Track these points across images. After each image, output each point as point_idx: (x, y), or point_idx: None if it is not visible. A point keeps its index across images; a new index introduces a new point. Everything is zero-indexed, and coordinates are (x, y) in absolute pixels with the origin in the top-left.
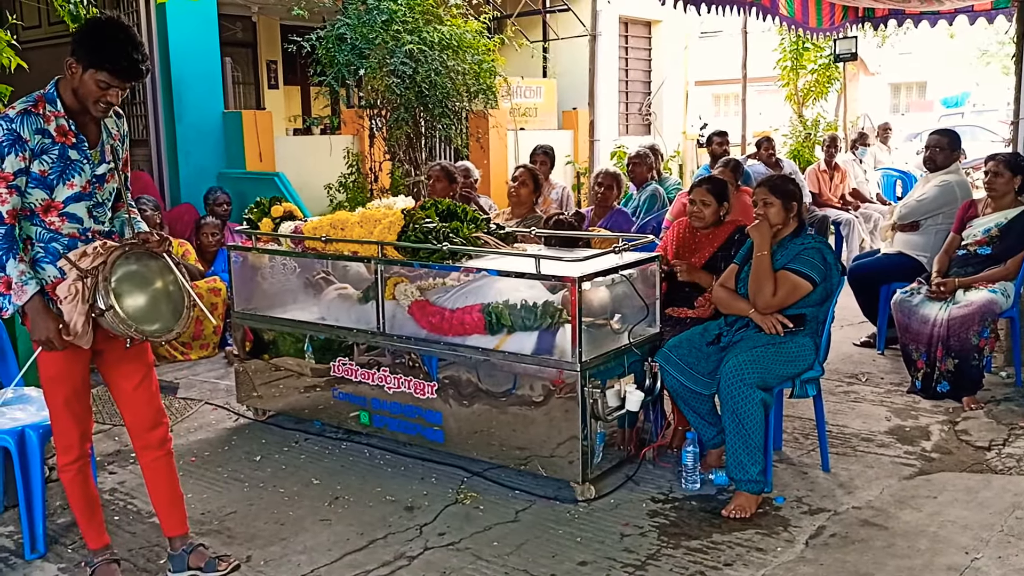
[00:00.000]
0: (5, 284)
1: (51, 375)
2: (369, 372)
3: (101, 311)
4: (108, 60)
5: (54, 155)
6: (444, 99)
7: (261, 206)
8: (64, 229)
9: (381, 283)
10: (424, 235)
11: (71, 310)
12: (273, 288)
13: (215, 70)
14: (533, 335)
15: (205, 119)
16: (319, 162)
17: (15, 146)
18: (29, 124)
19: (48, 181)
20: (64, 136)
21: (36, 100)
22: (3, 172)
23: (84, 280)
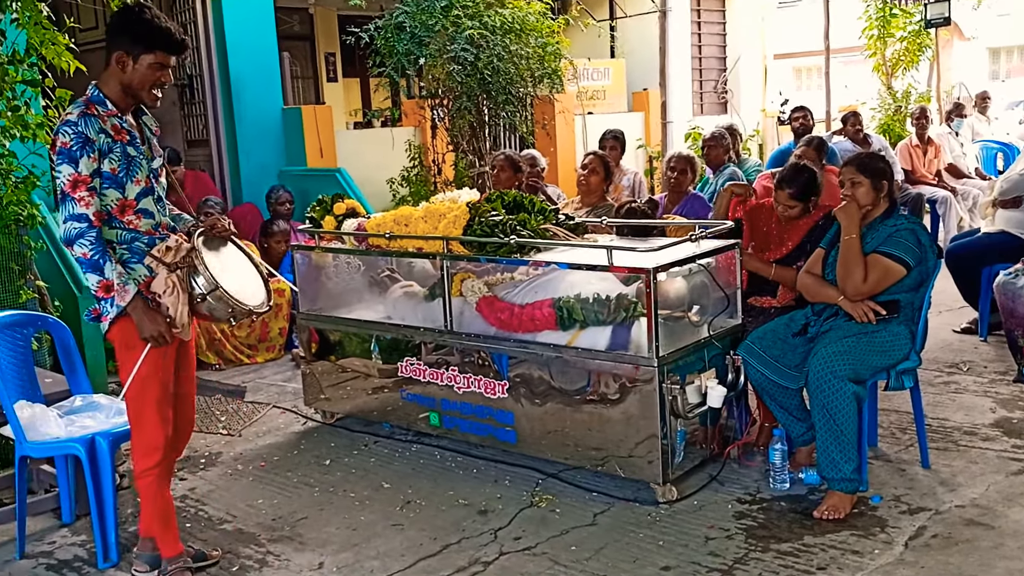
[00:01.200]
0: (104, 288)
1: (145, 373)
2: (438, 372)
3: (203, 295)
4: (159, 39)
5: (118, 152)
6: (507, 85)
7: (323, 204)
8: (142, 226)
9: (447, 279)
10: (490, 229)
11: (174, 302)
12: (338, 287)
13: (273, 65)
14: (607, 330)
15: (265, 116)
16: (381, 156)
17: (85, 148)
18: (92, 125)
19: (119, 179)
20: (119, 134)
21: (85, 104)
22: (80, 175)
23: (176, 272)
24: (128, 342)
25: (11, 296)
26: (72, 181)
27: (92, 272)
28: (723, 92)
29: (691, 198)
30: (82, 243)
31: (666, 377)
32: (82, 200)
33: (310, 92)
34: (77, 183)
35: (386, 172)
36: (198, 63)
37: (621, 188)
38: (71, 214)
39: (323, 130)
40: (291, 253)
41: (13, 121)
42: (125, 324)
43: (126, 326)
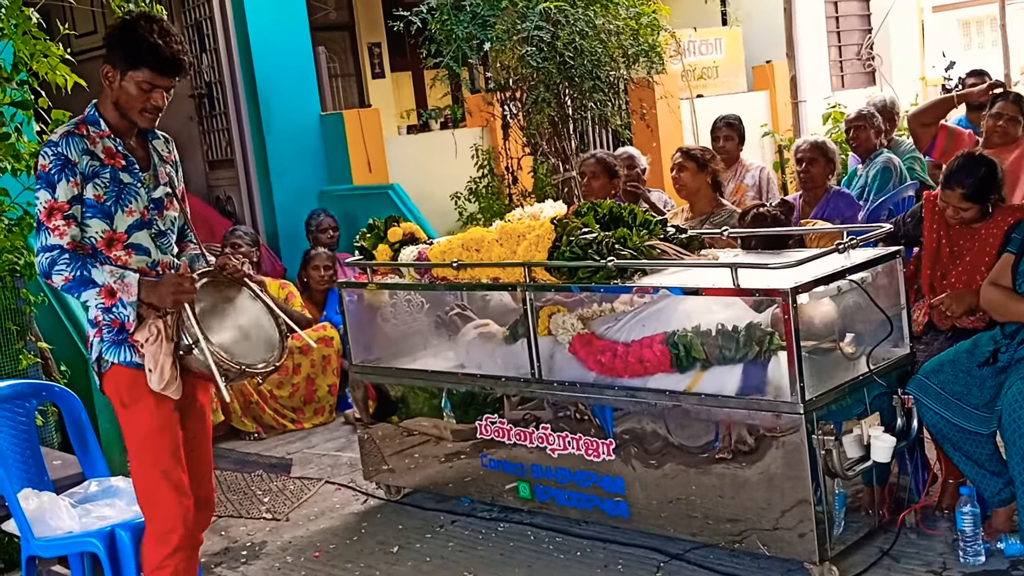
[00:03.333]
0: (107, 294)
1: (144, 431)
2: (526, 431)
3: (188, 347)
4: (146, 56)
5: (106, 178)
6: (594, 68)
7: (375, 229)
8: (132, 263)
9: (532, 315)
10: (582, 249)
11: (155, 352)
12: (397, 332)
13: (307, 63)
14: (736, 369)
15: (299, 126)
16: (441, 165)
17: (65, 171)
18: (75, 145)
19: (105, 208)
20: (113, 158)
21: (78, 123)
22: (57, 202)
23: (164, 318)
24: (124, 395)
25: (9, 362)
26: (47, 208)
27: (84, 288)
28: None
29: (834, 196)
30: (59, 269)
31: (816, 426)
32: (56, 230)
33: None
34: (53, 210)
35: (449, 185)
36: (217, 68)
37: (744, 188)
38: (43, 246)
39: (370, 138)
40: (337, 291)
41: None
42: (120, 373)
43: (121, 375)
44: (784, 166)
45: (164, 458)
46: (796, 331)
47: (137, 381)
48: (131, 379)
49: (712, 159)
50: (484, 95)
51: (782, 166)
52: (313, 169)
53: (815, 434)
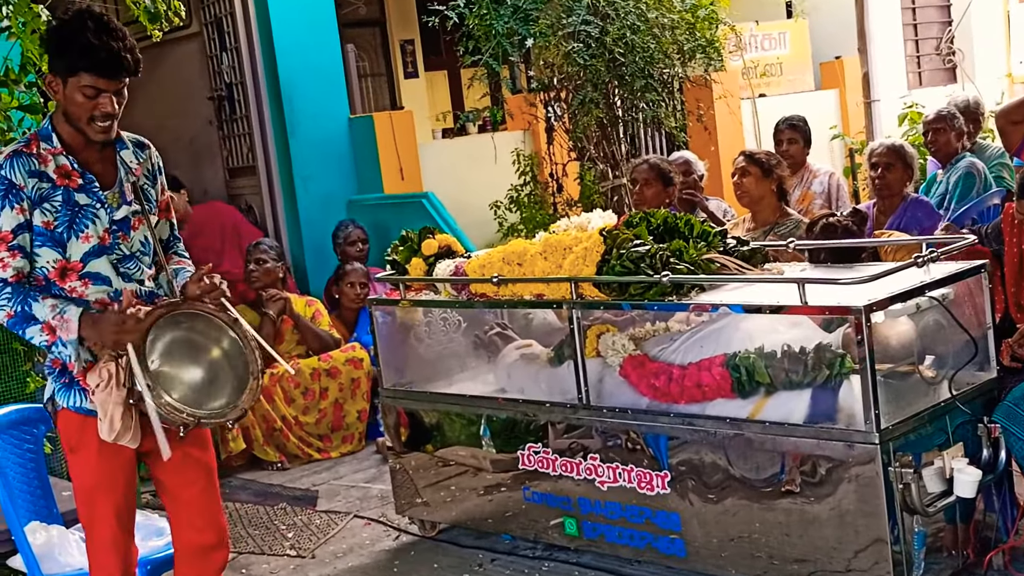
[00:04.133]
0: (48, 330)
1: (88, 484)
2: (572, 462)
3: (139, 395)
4: (82, 57)
5: (57, 202)
6: (647, 65)
7: (408, 242)
8: (90, 295)
9: (579, 335)
10: (634, 263)
11: (104, 399)
12: (432, 353)
13: (334, 62)
14: (804, 395)
15: (326, 130)
16: (480, 172)
17: (8, 197)
18: (21, 167)
19: (57, 235)
20: (67, 177)
21: (29, 140)
22: (1, 231)
23: (118, 360)
24: (72, 441)
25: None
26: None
27: (27, 324)
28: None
29: (911, 204)
30: (1, 305)
31: (893, 458)
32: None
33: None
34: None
35: (488, 193)
36: (238, 67)
37: (811, 196)
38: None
39: (403, 143)
40: (368, 310)
41: None
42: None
43: (71, 421)
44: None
45: (104, 516)
46: (870, 353)
47: (85, 429)
48: (79, 426)
49: (778, 164)
50: (526, 96)
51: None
52: (341, 176)
53: (892, 466)
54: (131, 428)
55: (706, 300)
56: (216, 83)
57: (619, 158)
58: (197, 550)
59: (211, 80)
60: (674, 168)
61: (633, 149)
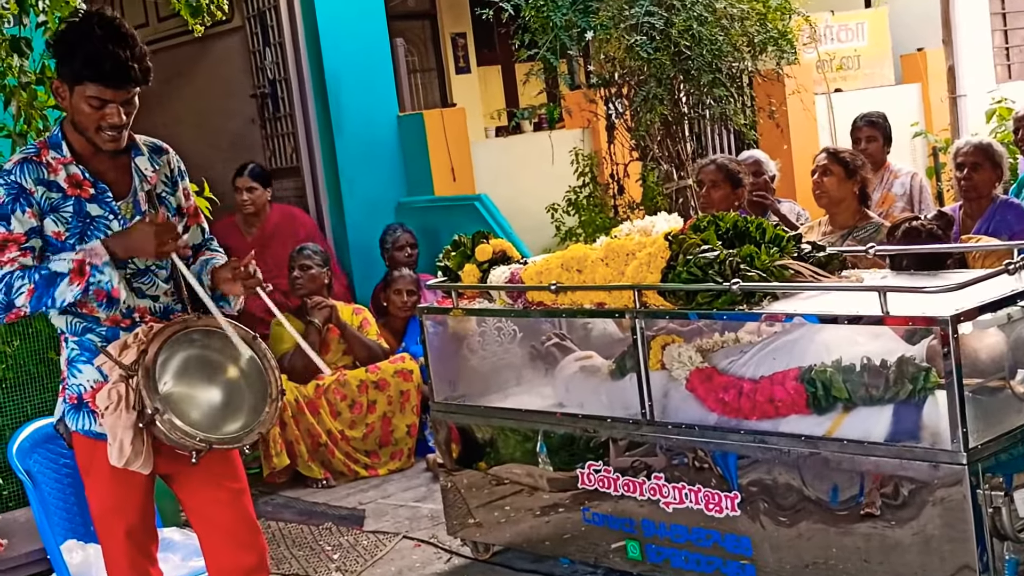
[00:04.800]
0: (77, 273)
1: (102, 508)
2: (635, 481)
3: (150, 418)
4: (86, 66)
5: (68, 212)
6: (715, 59)
7: (460, 247)
8: (100, 311)
9: (643, 346)
10: (702, 270)
11: (114, 423)
12: (486, 364)
13: (383, 57)
14: (885, 411)
15: (374, 129)
16: (536, 173)
17: (20, 200)
18: (30, 174)
19: (68, 247)
20: (78, 187)
21: (38, 148)
22: (11, 233)
23: (128, 380)
24: (84, 464)
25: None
26: (1, 240)
27: (53, 287)
28: None
29: (1001, 207)
30: (20, 288)
31: (982, 479)
32: (11, 262)
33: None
34: (7, 243)
35: (545, 196)
36: (282, 64)
37: (892, 198)
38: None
39: (454, 142)
40: (418, 319)
41: None
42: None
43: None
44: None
45: (119, 539)
46: (957, 367)
47: (96, 452)
48: (90, 450)
49: (863, 165)
50: (585, 92)
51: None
52: (389, 178)
53: (980, 488)
54: (142, 453)
55: (779, 309)
56: (259, 80)
57: (684, 158)
58: (234, 573)
59: (254, 77)
60: (743, 168)
61: (699, 148)
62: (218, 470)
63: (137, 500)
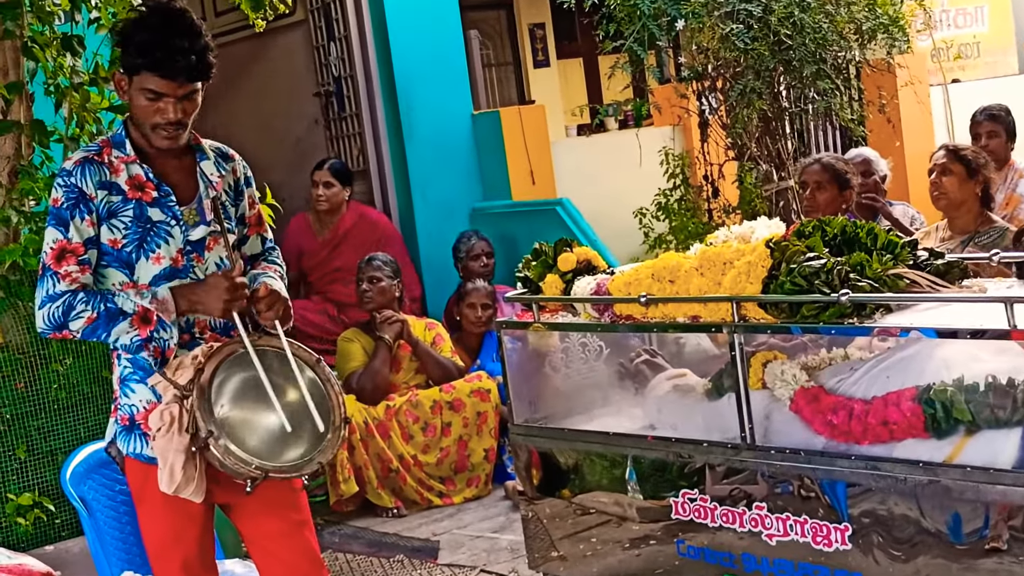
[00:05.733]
0: (140, 321)
1: (155, 538)
2: (735, 511)
3: (203, 442)
4: (141, 54)
5: (128, 217)
6: (818, 48)
7: (541, 256)
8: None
9: (742, 363)
10: (807, 280)
11: (165, 446)
12: (570, 383)
13: (456, 51)
14: (1012, 435)
15: (446, 129)
16: (622, 174)
17: (79, 207)
18: (91, 176)
19: (124, 255)
20: (140, 190)
21: (100, 146)
22: (69, 243)
23: (182, 402)
24: (136, 491)
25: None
26: (57, 250)
27: (113, 323)
28: None
29: None
30: (79, 312)
31: None
32: (67, 276)
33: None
34: (64, 253)
35: (632, 199)
36: (348, 60)
37: (1017, 200)
38: (49, 294)
39: (533, 142)
40: (495, 334)
41: None
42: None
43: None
44: None
45: (172, 573)
46: None
47: (149, 478)
48: (143, 475)
49: (985, 164)
50: (676, 86)
51: None
52: (463, 181)
53: None
54: (194, 479)
55: (893, 323)
56: (323, 77)
57: (785, 157)
58: None
59: (317, 74)
60: (851, 168)
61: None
62: (278, 500)
63: (194, 530)
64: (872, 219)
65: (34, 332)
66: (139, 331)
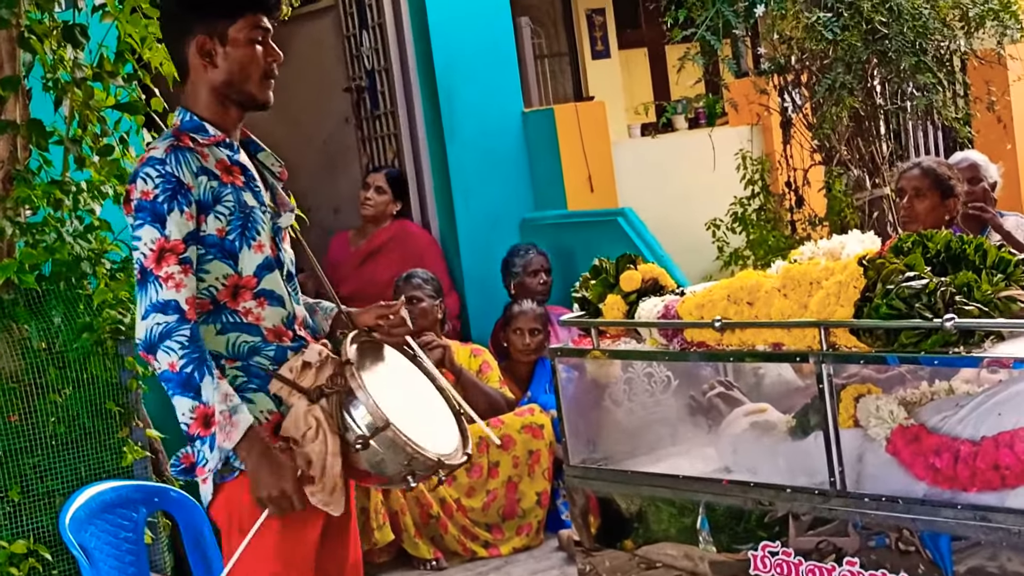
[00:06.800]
0: (201, 420)
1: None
2: (822, 567)
3: (363, 439)
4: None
5: (230, 203)
6: (918, 38)
7: (602, 274)
8: (266, 321)
9: (831, 398)
10: (906, 302)
11: (321, 452)
12: (633, 419)
13: (504, 41)
14: None
15: (493, 129)
16: (693, 180)
17: (177, 198)
18: (189, 162)
19: (228, 244)
20: (230, 173)
21: (175, 135)
22: (169, 240)
23: (319, 402)
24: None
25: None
26: (157, 250)
27: (182, 393)
28: None
29: None
30: (168, 348)
31: None
32: (170, 279)
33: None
34: (164, 253)
35: (705, 209)
36: (383, 51)
37: None
38: (153, 303)
39: (592, 143)
40: (548, 362)
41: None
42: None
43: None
44: None
45: None
46: None
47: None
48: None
49: None
50: (754, 80)
51: None
52: (512, 188)
53: None
54: (343, 489)
55: (1006, 353)
56: (354, 70)
57: (880, 161)
58: None
59: (348, 67)
60: (956, 174)
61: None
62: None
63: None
64: (980, 232)
65: (29, 358)
66: (199, 428)
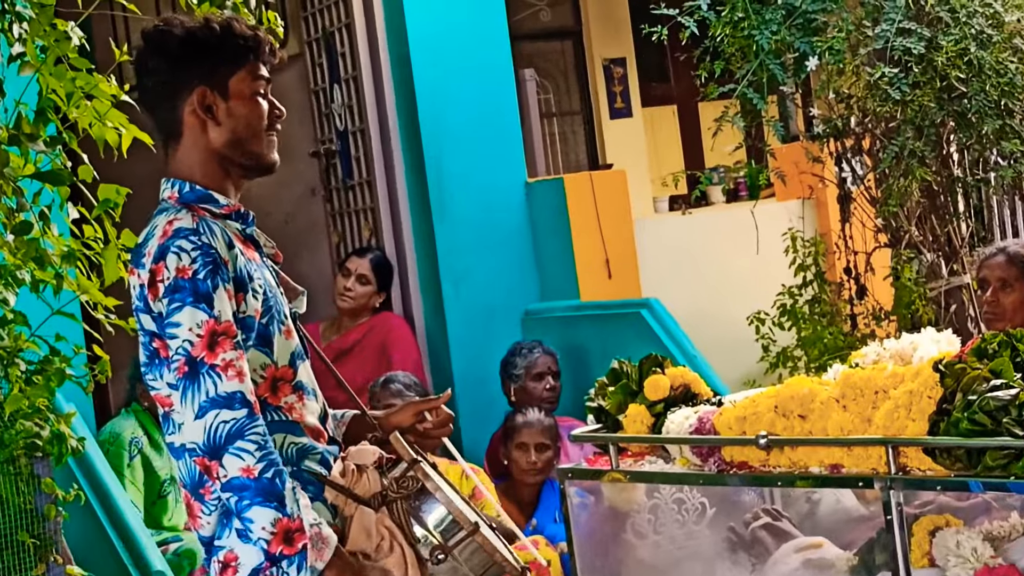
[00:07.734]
0: (282, 536)
1: None
2: None
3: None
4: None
5: (261, 280)
6: (1003, 98)
7: (622, 379)
8: (307, 415)
9: (902, 531)
10: (992, 416)
11: (399, 564)
12: (661, 554)
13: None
14: None
15: (490, 203)
16: (733, 265)
17: (219, 273)
18: (218, 234)
19: (261, 330)
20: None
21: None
22: (219, 323)
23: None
24: None
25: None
26: (207, 335)
27: (262, 504)
28: None
29: None
30: (241, 449)
31: None
32: (230, 367)
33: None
34: (216, 337)
35: (747, 300)
36: (358, 108)
37: None
38: (211, 397)
39: (610, 220)
40: (557, 484)
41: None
42: None
43: None
44: None
45: None
46: None
47: None
48: None
49: None
50: (806, 146)
51: None
52: (512, 274)
53: None
54: None
55: None
56: (323, 131)
57: (959, 244)
58: None
59: (316, 127)
60: None
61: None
62: None
63: None
64: None
65: None
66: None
